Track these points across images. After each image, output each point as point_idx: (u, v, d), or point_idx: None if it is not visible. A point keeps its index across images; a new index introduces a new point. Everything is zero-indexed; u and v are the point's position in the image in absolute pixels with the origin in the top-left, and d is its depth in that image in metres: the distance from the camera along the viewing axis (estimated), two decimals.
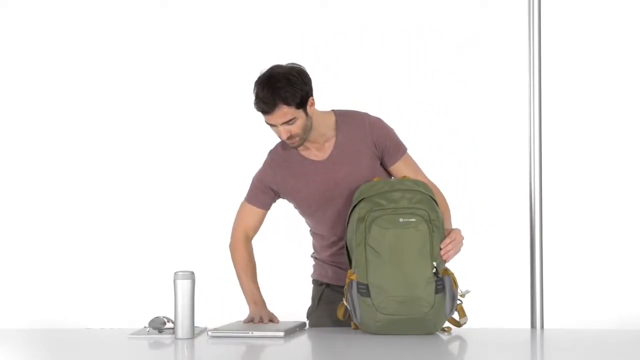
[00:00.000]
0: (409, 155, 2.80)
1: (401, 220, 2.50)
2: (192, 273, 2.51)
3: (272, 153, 2.83)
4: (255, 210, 2.83)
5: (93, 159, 4.44)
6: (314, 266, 2.93)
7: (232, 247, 2.86)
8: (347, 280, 2.54)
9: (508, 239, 3.85)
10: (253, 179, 2.85)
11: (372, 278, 2.49)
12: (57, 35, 4.44)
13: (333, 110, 2.80)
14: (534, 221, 2.79)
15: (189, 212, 4.38)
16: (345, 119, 2.78)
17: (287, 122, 2.63)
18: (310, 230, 2.90)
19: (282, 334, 2.51)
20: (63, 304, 4.37)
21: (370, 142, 2.75)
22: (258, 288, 2.81)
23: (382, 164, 2.79)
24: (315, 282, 2.93)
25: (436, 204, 2.57)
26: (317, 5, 4.39)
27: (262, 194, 2.82)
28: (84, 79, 4.44)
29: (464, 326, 2.59)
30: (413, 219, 2.51)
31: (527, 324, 2.76)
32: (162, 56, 4.42)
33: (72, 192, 4.43)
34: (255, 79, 2.64)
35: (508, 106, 4.14)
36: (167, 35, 4.42)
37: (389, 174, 2.81)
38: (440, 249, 2.52)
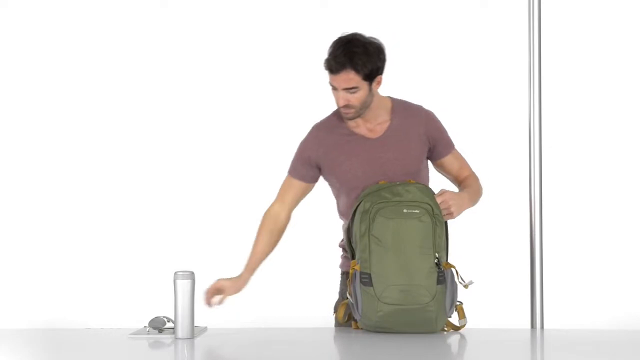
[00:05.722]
0: (457, 150, 2.83)
1: (405, 210, 2.53)
2: (192, 273, 2.51)
3: (318, 124, 2.82)
4: (294, 182, 2.80)
5: (93, 158, 4.43)
6: (343, 257, 2.84)
7: (264, 215, 2.82)
8: (351, 271, 2.55)
9: (508, 238, 3.85)
10: (296, 151, 2.82)
11: (375, 267, 2.51)
12: (57, 35, 4.43)
13: (389, 97, 2.81)
14: (534, 221, 2.79)
15: (189, 212, 4.38)
16: (402, 105, 2.79)
17: (348, 89, 2.64)
18: (341, 216, 2.83)
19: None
20: (63, 303, 4.36)
21: (423, 133, 2.76)
22: (257, 260, 2.76)
23: (430, 157, 2.81)
24: (344, 274, 2.83)
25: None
26: (317, 5, 4.38)
27: (302, 165, 2.78)
28: (83, 79, 4.43)
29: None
30: (417, 210, 2.53)
31: (527, 324, 2.76)
32: (162, 56, 4.41)
33: (72, 192, 4.42)
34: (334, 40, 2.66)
35: (508, 106, 4.13)
36: (167, 35, 4.41)
37: (436, 168, 2.84)
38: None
